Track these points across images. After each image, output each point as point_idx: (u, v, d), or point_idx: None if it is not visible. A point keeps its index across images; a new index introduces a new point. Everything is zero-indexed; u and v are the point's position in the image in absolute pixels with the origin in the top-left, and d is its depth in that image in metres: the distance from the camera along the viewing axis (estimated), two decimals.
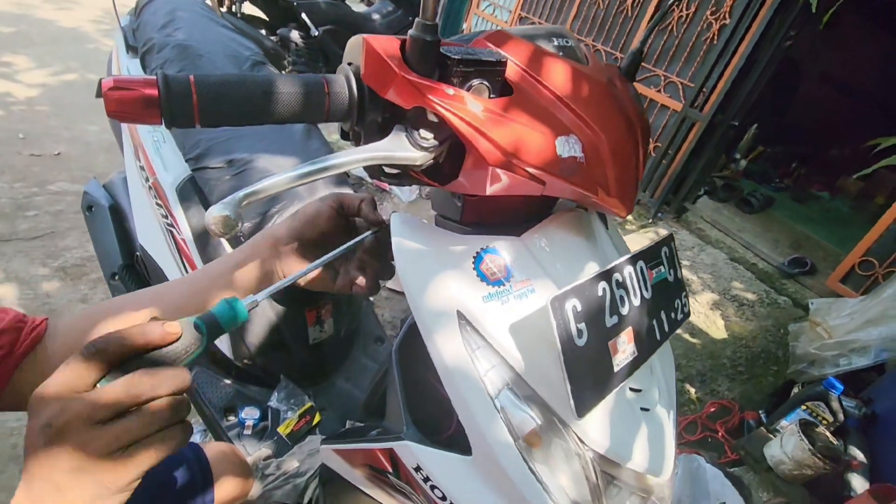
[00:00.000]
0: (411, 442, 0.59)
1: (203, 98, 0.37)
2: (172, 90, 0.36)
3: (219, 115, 0.39)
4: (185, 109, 0.37)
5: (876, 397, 1.76)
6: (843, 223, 3.78)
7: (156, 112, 0.36)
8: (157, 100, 0.36)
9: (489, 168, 0.45)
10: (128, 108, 0.35)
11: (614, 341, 0.53)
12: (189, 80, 0.37)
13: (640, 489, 0.58)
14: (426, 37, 0.41)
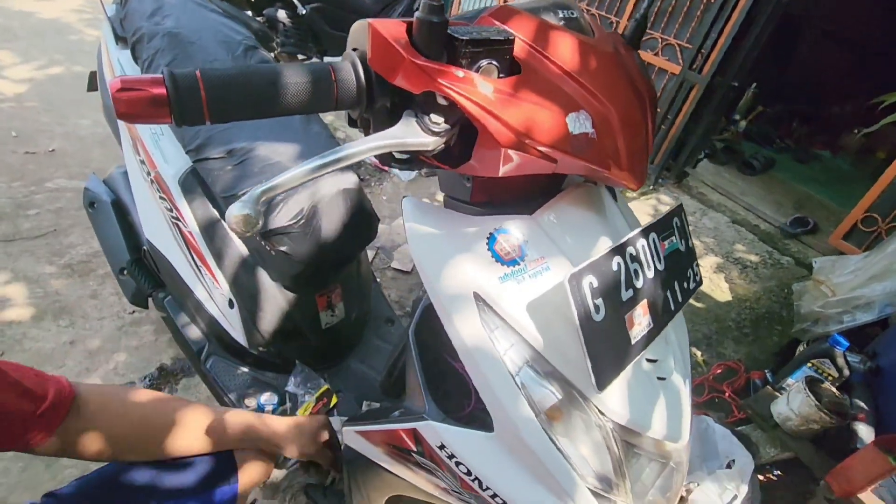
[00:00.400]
0: (434, 421, 0.60)
1: (211, 93, 0.37)
2: (180, 87, 0.36)
3: (228, 110, 0.39)
4: (194, 106, 0.36)
5: (880, 351, 1.79)
6: (845, 181, 3.75)
7: (165, 111, 0.36)
8: (167, 98, 0.35)
9: (501, 150, 0.45)
10: (138, 109, 0.35)
11: (630, 314, 0.54)
12: (196, 75, 0.37)
13: (660, 455, 0.60)
14: (433, 18, 0.40)
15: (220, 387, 1.18)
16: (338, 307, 1.26)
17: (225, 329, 1.19)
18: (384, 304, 1.59)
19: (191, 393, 1.67)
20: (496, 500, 0.58)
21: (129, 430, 0.72)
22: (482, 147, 0.46)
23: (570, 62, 0.52)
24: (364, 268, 1.42)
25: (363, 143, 0.42)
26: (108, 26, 1.32)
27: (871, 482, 1.38)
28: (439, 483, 0.66)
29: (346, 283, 1.27)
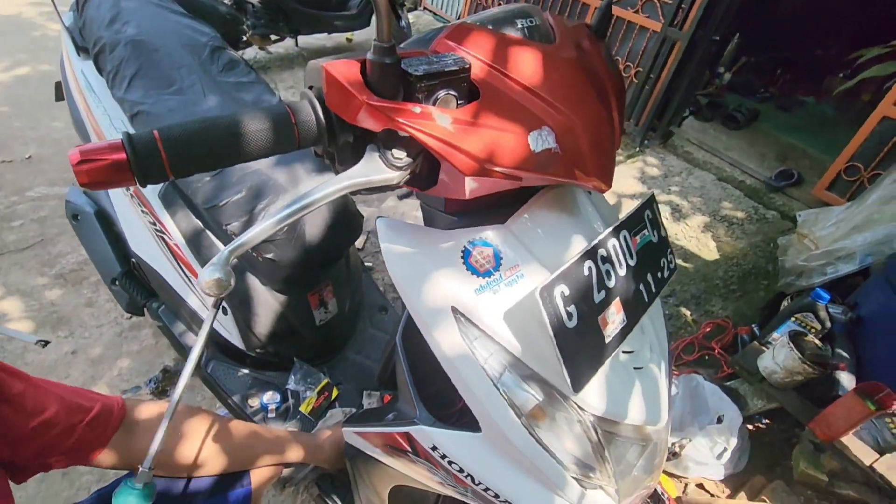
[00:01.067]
0: (425, 426, 0.64)
1: (171, 151, 0.37)
2: (139, 150, 0.36)
3: (189, 166, 0.39)
4: (155, 166, 0.36)
5: (861, 301, 1.84)
6: (830, 128, 3.74)
7: (128, 175, 0.36)
8: (127, 163, 0.35)
9: (465, 177, 0.46)
10: (100, 178, 0.35)
11: (604, 315, 0.57)
12: (154, 135, 0.37)
13: (640, 439, 0.64)
14: (385, 59, 0.40)
15: (223, 390, 1.22)
16: (330, 303, 1.29)
17: (221, 335, 1.22)
18: (376, 293, 1.62)
19: (196, 392, 1.71)
20: (488, 493, 0.62)
21: (175, 447, 0.76)
22: (446, 175, 0.47)
23: (530, 77, 0.52)
24: (353, 261, 1.44)
25: (328, 185, 0.43)
26: (66, 36, 1.28)
27: (852, 426, 1.46)
28: (435, 478, 0.71)
29: (337, 280, 1.29)
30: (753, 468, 1.66)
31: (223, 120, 0.40)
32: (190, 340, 1.26)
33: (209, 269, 0.37)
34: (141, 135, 0.36)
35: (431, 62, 0.44)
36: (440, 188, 0.50)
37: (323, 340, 1.33)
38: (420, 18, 5.40)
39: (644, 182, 3.08)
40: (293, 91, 3.72)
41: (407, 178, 0.47)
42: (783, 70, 4.40)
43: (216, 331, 1.22)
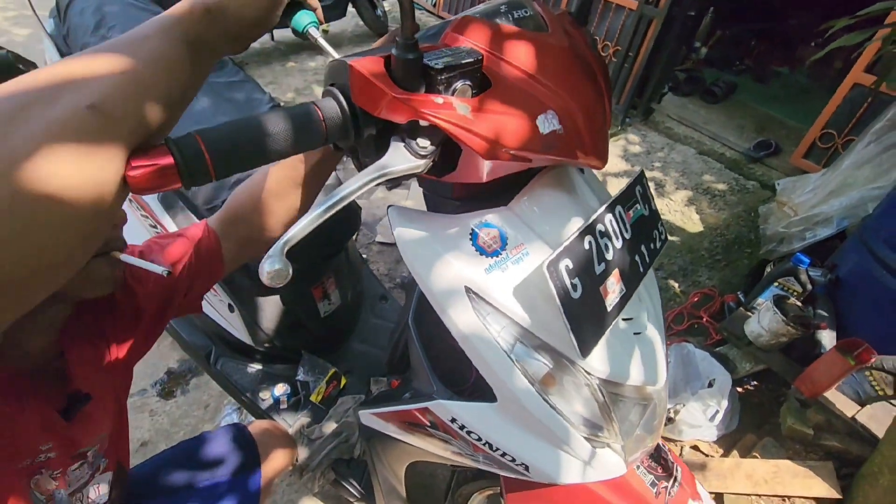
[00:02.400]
0: (443, 400, 0.68)
1: (214, 153, 0.38)
2: (185, 154, 0.37)
3: (231, 165, 0.40)
4: (201, 168, 0.38)
5: (839, 263, 1.93)
6: (805, 97, 3.84)
7: (175, 178, 0.37)
8: (175, 166, 0.37)
9: (484, 161, 0.49)
10: (150, 182, 0.36)
11: (604, 285, 0.61)
12: (196, 138, 0.38)
13: (641, 398, 0.69)
14: (409, 55, 0.43)
15: (234, 385, 1.25)
16: (333, 295, 1.32)
17: (229, 332, 1.24)
18: (375, 283, 1.65)
19: (202, 391, 1.74)
20: (505, 457, 0.66)
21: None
22: (466, 159, 0.51)
23: (531, 64, 0.55)
24: (352, 252, 1.47)
25: (360, 178, 0.46)
26: (50, 43, 1.27)
27: (834, 381, 1.54)
28: (453, 449, 0.75)
29: (338, 271, 1.32)
30: (744, 427, 1.75)
31: (257, 120, 0.42)
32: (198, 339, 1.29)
33: (268, 261, 0.40)
34: (184, 139, 0.38)
35: (449, 55, 0.47)
36: (458, 173, 0.53)
37: (328, 331, 1.36)
38: (395, 6, 5.35)
39: (627, 159, 3.13)
40: (273, 87, 3.68)
41: (430, 165, 0.50)
42: (757, 42, 4.47)
43: (224, 328, 1.24)
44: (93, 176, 0.32)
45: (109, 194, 0.34)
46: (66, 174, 0.31)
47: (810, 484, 1.50)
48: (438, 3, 4.88)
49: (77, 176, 0.32)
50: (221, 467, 0.96)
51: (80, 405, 0.63)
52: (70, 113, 0.32)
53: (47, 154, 0.30)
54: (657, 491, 0.77)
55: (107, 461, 0.70)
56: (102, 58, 0.36)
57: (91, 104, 0.32)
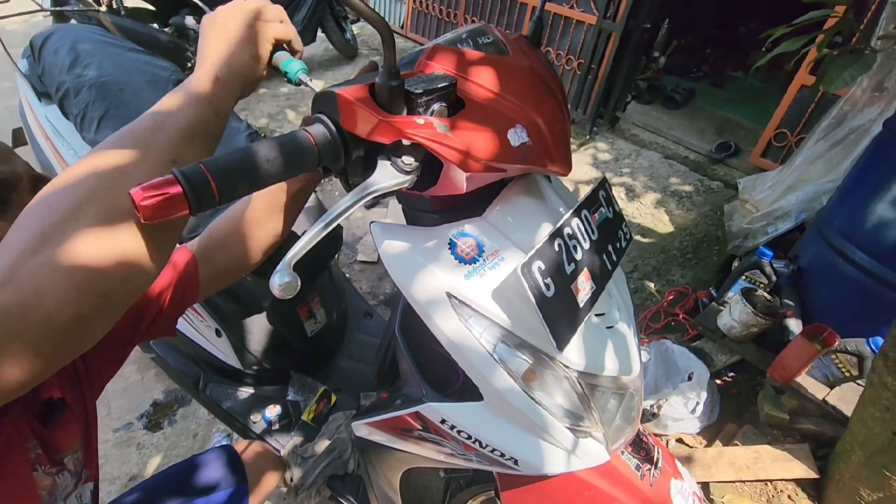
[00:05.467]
0: (433, 403, 0.71)
1: (219, 180, 0.41)
2: (192, 182, 0.39)
3: (235, 190, 0.43)
4: (207, 194, 0.41)
5: (800, 253, 2.04)
6: (759, 99, 4.04)
7: (184, 205, 0.40)
8: (183, 194, 0.39)
9: (465, 173, 0.54)
10: (161, 211, 0.38)
11: (575, 283, 0.66)
12: (201, 167, 0.41)
13: (618, 388, 0.74)
14: (392, 82, 0.48)
15: (224, 410, 1.25)
16: (319, 314, 1.34)
17: (217, 357, 1.25)
18: (359, 300, 1.68)
19: (190, 420, 1.72)
20: (494, 453, 0.70)
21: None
22: (448, 173, 0.56)
23: (498, 85, 0.61)
24: (335, 271, 1.50)
25: (353, 195, 0.50)
26: (25, 84, 1.28)
27: (804, 366, 1.62)
28: (445, 450, 0.78)
29: (323, 291, 1.34)
30: (725, 418, 1.81)
31: (256, 148, 0.45)
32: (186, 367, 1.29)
33: (278, 275, 0.43)
34: (189, 169, 0.40)
35: (426, 81, 0.52)
36: (440, 187, 0.58)
37: (316, 350, 1.38)
38: (364, 29, 5.45)
39: (597, 167, 3.24)
40: (246, 113, 3.70)
41: (414, 181, 0.55)
42: (712, 49, 4.71)
43: (211, 353, 1.25)
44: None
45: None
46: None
47: (789, 466, 1.57)
48: (406, 25, 5.01)
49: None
50: (210, 490, 0.97)
51: (57, 410, 0.64)
52: (161, 167, 0.44)
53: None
54: (641, 474, 0.81)
55: (88, 472, 0.71)
56: (161, 126, 0.46)
57: (174, 159, 0.45)
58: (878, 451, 1.33)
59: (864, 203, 1.71)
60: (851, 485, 1.41)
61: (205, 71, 0.52)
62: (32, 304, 0.36)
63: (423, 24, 4.85)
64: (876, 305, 1.67)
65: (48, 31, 1.27)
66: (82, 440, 0.70)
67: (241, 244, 0.76)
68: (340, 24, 4.50)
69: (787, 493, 1.54)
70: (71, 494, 0.66)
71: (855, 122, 2.09)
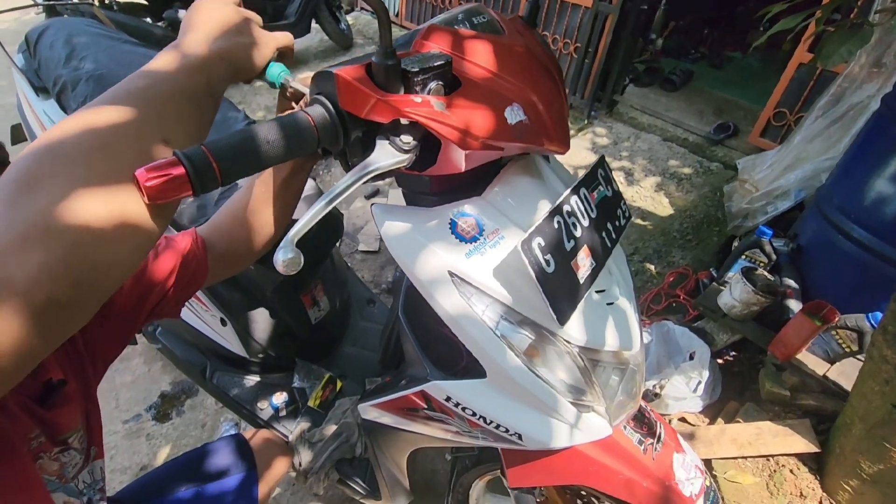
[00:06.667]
0: (438, 381, 0.72)
1: (222, 162, 0.42)
2: (195, 163, 0.40)
3: (236, 172, 0.44)
4: (210, 176, 0.41)
5: (800, 232, 2.04)
6: (758, 79, 4.01)
7: (187, 186, 0.40)
8: (186, 175, 0.40)
9: (462, 151, 0.55)
10: (165, 192, 0.39)
11: (575, 260, 0.67)
12: (203, 149, 0.41)
13: (619, 363, 0.75)
14: (388, 62, 0.49)
15: (232, 398, 1.27)
16: (322, 302, 1.36)
17: (222, 346, 1.26)
18: (361, 287, 1.69)
19: (198, 410, 1.74)
20: (499, 429, 0.71)
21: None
22: (446, 152, 0.56)
23: (494, 64, 0.61)
24: (337, 259, 1.51)
25: (353, 174, 0.50)
26: (22, 79, 1.28)
27: (804, 343, 1.64)
28: (451, 428, 0.80)
29: (325, 278, 1.35)
30: (727, 396, 1.83)
31: (256, 130, 0.46)
32: (192, 356, 1.31)
33: (281, 251, 0.44)
34: (192, 151, 0.41)
35: (422, 59, 0.52)
36: (439, 166, 0.58)
37: (320, 337, 1.39)
38: (358, 19, 5.41)
39: (596, 151, 3.24)
40: (243, 106, 3.69)
41: (413, 160, 0.55)
42: (710, 30, 4.66)
43: (217, 343, 1.26)
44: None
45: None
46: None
47: (791, 441, 1.59)
48: (401, 13, 4.97)
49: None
50: (221, 477, 0.99)
51: (57, 391, 0.63)
52: (151, 146, 0.42)
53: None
54: (644, 448, 0.83)
55: (96, 449, 0.71)
56: (159, 89, 0.45)
57: (165, 139, 0.43)
58: (877, 423, 1.35)
59: (863, 179, 1.71)
60: (852, 458, 1.43)
61: (196, 36, 0.50)
62: (5, 284, 0.32)
63: (418, 13, 4.80)
64: (875, 281, 1.68)
65: (43, 26, 1.27)
66: (84, 418, 0.70)
67: (243, 232, 0.76)
68: (335, 14, 4.47)
69: (789, 468, 1.56)
70: (83, 471, 0.67)
71: (853, 98, 2.08)
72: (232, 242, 0.78)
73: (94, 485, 0.71)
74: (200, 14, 0.53)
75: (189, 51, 0.49)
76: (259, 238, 0.77)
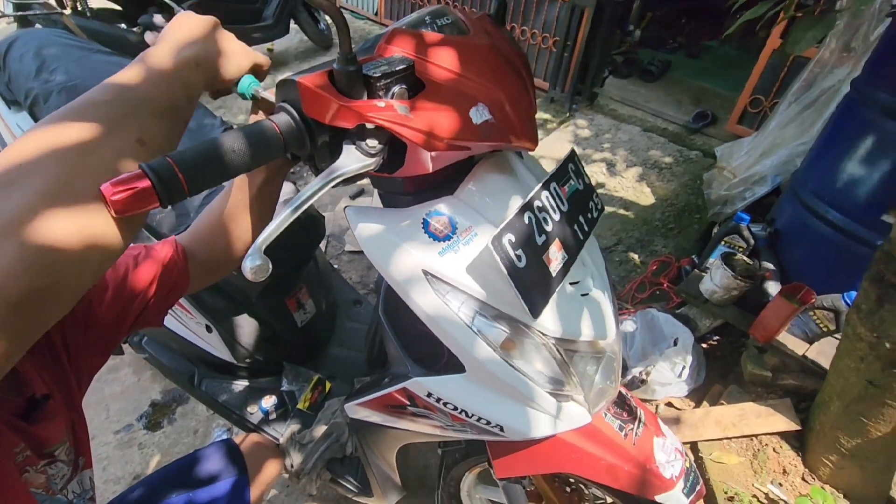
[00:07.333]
0: (418, 378, 0.74)
1: (187, 172, 0.42)
2: (161, 176, 0.40)
3: (203, 182, 0.44)
4: (176, 187, 0.41)
5: (776, 216, 2.09)
6: (734, 67, 4.06)
7: (153, 198, 0.40)
8: (152, 188, 0.40)
9: (428, 153, 0.56)
10: (131, 205, 0.39)
11: (546, 254, 0.68)
12: (168, 161, 0.41)
13: (595, 352, 0.77)
14: (349, 67, 0.50)
15: (221, 404, 1.28)
16: (307, 304, 1.36)
17: (209, 352, 1.27)
18: (347, 289, 1.70)
19: (189, 418, 1.74)
20: (481, 422, 0.73)
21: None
22: (412, 154, 0.57)
23: (458, 65, 0.62)
24: (321, 261, 1.51)
25: (319, 180, 0.51)
26: None
27: (783, 324, 1.68)
28: (435, 424, 0.81)
29: (310, 281, 1.36)
30: (711, 379, 1.87)
31: (221, 139, 0.46)
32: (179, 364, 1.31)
33: (249, 258, 0.44)
34: (157, 163, 0.41)
35: (384, 64, 0.53)
36: (407, 167, 0.59)
37: (307, 340, 1.40)
38: None
39: (578, 143, 3.26)
40: (223, 111, 3.66)
41: (380, 163, 0.56)
42: (686, 20, 4.70)
43: (204, 350, 1.27)
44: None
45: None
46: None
47: (773, 421, 1.63)
48: (380, 12, 4.95)
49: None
50: (212, 482, 1.00)
51: (40, 406, 0.63)
52: (126, 146, 0.43)
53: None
54: (625, 433, 0.85)
55: (84, 459, 0.71)
56: (125, 100, 0.45)
57: (139, 139, 0.44)
58: (854, 399, 1.39)
59: (835, 163, 1.76)
60: (831, 434, 1.47)
61: (163, 47, 0.51)
62: None
63: (397, 11, 4.79)
64: (850, 261, 1.72)
65: (11, 38, 1.25)
66: (70, 430, 0.70)
67: (223, 239, 0.77)
68: (313, 14, 4.44)
69: (772, 447, 1.61)
70: (72, 481, 0.68)
71: (825, 83, 2.12)
72: (212, 249, 0.79)
73: (83, 494, 0.71)
74: (173, 27, 0.54)
75: (155, 60, 0.50)
76: (239, 244, 0.78)
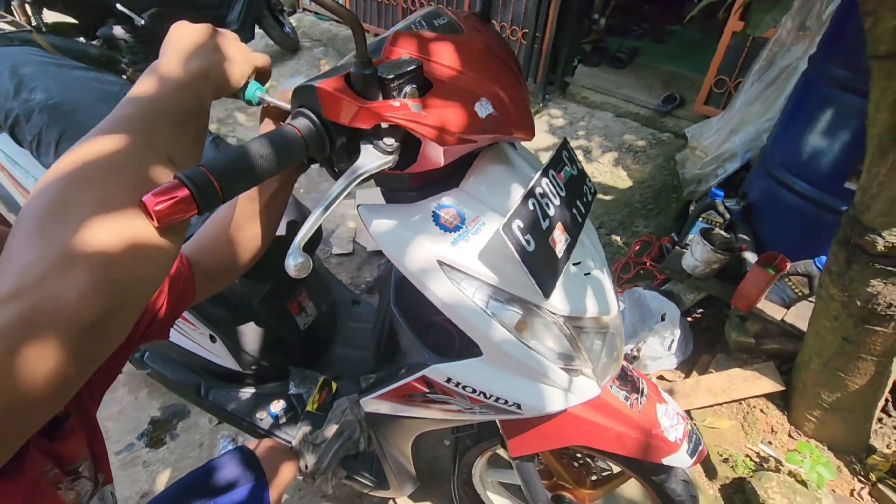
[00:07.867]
0: (437, 365, 0.77)
1: (221, 179, 0.44)
2: (198, 184, 0.42)
3: (236, 188, 0.46)
4: (212, 194, 0.43)
5: (748, 190, 2.18)
6: (698, 50, 4.18)
7: (193, 206, 0.42)
8: (191, 196, 0.42)
9: (441, 147, 0.59)
10: (172, 213, 0.41)
11: (552, 237, 0.72)
12: (202, 169, 0.43)
13: (600, 327, 0.81)
14: (366, 71, 0.52)
15: (230, 413, 1.28)
16: (308, 307, 1.38)
17: (214, 362, 1.27)
18: (344, 290, 1.72)
19: (192, 432, 1.73)
20: (499, 402, 0.77)
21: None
22: (425, 149, 0.60)
23: (459, 62, 0.65)
24: (318, 264, 1.53)
25: (344, 179, 0.54)
26: None
27: (762, 292, 1.77)
28: (451, 408, 0.85)
29: (309, 284, 1.38)
30: (699, 350, 1.96)
31: (249, 146, 0.48)
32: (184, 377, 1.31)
33: (291, 257, 0.47)
34: (192, 172, 0.42)
35: (395, 66, 0.56)
36: (419, 163, 0.62)
37: (310, 342, 1.42)
38: (302, 21, 5.32)
39: (554, 132, 3.33)
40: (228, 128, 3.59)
41: (396, 160, 0.59)
42: (649, 5, 4.82)
43: (208, 360, 1.27)
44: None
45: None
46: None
47: (759, 384, 1.72)
48: None
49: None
50: (231, 488, 1.01)
51: (61, 425, 0.64)
52: (157, 158, 0.45)
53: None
54: (630, 403, 0.90)
55: (104, 475, 0.72)
56: (144, 122, 0.47)
57: (167, 150, 0.46)
58: (832, 357, 1.48)
59: (799, 136, 1.85)
60: (813, 391, 1.56)
61: (171, 59, 0.53)
62: (51, 308, 0.34)
63: (362, 9, 4.77)
64: (818, 228, 1.82)
65: None
66: (88, 447, 0.71)
67: (229, 248, 0.78)
68: (277, 17, 4.39)
69: (760, 408, 1.70)
70: (93, 497, 0.69)
71: (784, 61, 2.22)
72: (218, 259, 0.80)
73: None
74: (175, 37, 0.56)
75: (167, 72, 0.52)
76: (245, 252, 0.79)
